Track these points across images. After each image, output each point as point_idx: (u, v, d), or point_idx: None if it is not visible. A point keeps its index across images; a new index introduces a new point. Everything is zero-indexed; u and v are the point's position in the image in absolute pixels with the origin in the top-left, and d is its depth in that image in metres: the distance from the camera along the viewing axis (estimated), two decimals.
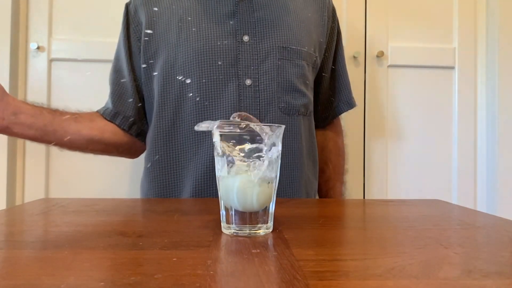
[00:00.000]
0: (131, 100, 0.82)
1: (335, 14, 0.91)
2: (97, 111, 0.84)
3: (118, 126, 0.82)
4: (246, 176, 0.41)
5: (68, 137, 0.75)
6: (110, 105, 0.83)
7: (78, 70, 1.09)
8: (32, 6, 1.08)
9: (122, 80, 0.83)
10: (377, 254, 0.35)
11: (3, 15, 1.04)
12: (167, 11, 0.79)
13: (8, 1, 1.04)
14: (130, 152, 0.88)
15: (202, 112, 0.74)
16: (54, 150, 1.07)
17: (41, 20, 1.08)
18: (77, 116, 0.78)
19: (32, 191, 1.08)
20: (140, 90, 0.83)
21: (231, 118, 0.45)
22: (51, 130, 0.73)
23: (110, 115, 0.82)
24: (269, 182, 0.42)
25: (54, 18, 1.09)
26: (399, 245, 0.38)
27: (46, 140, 0.74)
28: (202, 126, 0.42)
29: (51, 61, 1.09)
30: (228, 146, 0.41)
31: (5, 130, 0.70)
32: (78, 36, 1.10)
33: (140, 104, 0.83)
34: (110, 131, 0.81)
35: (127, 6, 0.84)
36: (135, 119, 0.83)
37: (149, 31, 0.79)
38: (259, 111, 0.75)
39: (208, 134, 0.74)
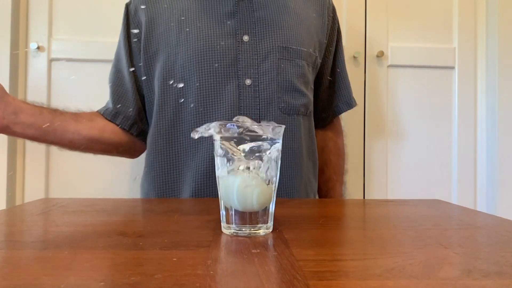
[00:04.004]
0: (131, 100, 0.82)
1: (335, 14, 0.91)
2: (98, 111, 0.83)
3: (119, 126, 0.82)
4: (246, 176, 0.41)
5: (68, 137, 0.75)
6: (110, 105, 0.83)
7: (78, 70, 1.09)
8: (32, 6, 1.08)
9: (122, 80, 0.83)
10: (377, 254, 0.35)
11: (3, 15, 1.04)
12: (167, 11, 0.78)
13: (8, 1, 1.04)
14: (130, 152, 0.88)
15: (202, 112, 0.74)
16: (54, 150, 1.07)
17: (41, 20, 1.08)
18: (77, 116, 0.78)
19: (32, 191, 1.08)
20: (140, 90, 0.83)
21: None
22: (51, 129, 0.73)
23: (110, 115, 0.82)
24: (269, 182, 0.42)
25: (54, 18, 1.09)
26: (399, 245, 0.38)
27: (46, 139, 0.74)
28: (198, 132, 0.42)
29: (51, 61, 1.09)
30: (230, 145, 0.41)
31: (5, 130, 0.70)
32: (78, 36, 1.10)
33: (140, 104, 0.83)
34: (110, 130, 0.81)
35: (127, 6, 0.84)
36: (135, 119, 0.83)
37: (149, 31, 0.79)
38: (259, 111, 0.75)
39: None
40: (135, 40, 0.81)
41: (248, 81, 0.75)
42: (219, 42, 0.75)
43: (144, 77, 0.81)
